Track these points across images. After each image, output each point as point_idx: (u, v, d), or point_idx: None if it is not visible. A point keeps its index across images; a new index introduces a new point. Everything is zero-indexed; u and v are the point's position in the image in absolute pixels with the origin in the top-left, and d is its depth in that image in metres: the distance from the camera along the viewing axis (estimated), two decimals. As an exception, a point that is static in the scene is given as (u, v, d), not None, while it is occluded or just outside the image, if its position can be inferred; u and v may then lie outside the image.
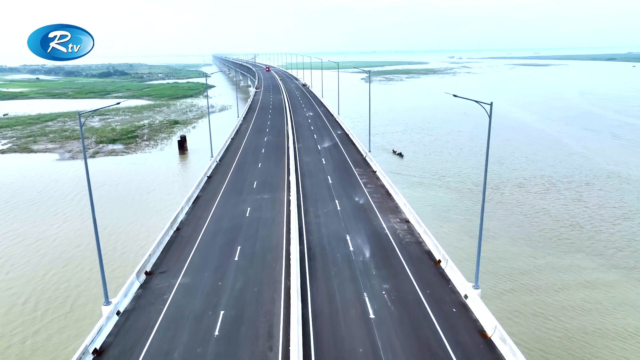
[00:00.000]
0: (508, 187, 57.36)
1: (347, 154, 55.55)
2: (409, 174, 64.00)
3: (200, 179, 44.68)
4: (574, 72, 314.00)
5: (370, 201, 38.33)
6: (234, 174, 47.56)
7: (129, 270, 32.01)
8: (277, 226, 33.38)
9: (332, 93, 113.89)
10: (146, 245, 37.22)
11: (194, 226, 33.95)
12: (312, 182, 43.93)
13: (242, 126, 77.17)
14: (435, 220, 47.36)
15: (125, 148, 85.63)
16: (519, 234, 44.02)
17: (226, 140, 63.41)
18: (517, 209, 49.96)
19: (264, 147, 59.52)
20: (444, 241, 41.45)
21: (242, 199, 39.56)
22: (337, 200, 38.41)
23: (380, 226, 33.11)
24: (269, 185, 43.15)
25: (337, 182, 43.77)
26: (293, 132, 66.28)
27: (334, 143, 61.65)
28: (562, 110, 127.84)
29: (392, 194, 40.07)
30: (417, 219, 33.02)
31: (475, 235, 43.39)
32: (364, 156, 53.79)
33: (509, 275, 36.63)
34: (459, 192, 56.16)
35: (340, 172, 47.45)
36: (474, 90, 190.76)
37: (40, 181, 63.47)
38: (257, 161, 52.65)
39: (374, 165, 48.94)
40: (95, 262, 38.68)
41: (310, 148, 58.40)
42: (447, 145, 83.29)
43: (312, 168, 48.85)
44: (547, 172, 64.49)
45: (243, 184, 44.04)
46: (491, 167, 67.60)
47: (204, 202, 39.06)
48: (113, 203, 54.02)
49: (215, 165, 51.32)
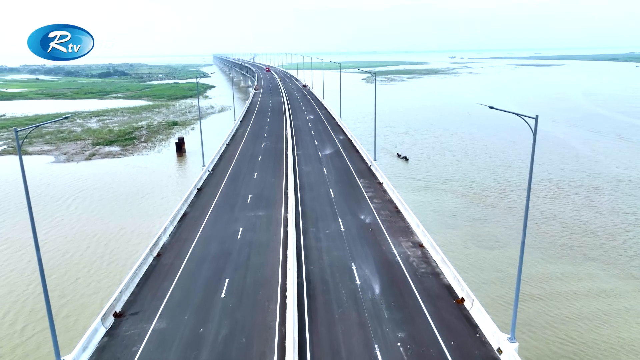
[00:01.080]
0: (516, 192, 55.49)
1: (350, 162, 51.85)
2: (413, 178, 62.16)
3: (189, 192, 40.49)
4: (577, 72, 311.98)
5: (378, 220, 34.31)
6: (227, 186, 43.59)
7: (113, 284, 30.22)
8: (273, 252, 29.27)
9: (333, 94, 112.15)
10: (137, 252, 35.46)
11: (178, 251, 29.83)
12: (313, 196, 40.08)
13: (238, 131, 73.70)
14: (441, 227, 45.59)
15: (122, 150, 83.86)
16: (528, 241, 42.07)
17: (220, 146, 59.95)
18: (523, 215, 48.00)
19: (261, 155, 55.91)
20: (450, 249, 39.86)
21: (235, 216, 35.52)
22: (341, 219, 34.45)
23: (391, 252, 29.06)
24: (265, 200, 39.10)
25: (340, 196, 39.84)
26: (292, 137, 63.18)
27: (336, 150, 58.17)
28: (567, 111, 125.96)
29: (401, 211, 36.03)
30: (432, 244, 29.01)
31: (484, 244, 41.87)
32: (368, 165, 50.06)
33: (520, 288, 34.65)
34: (465, 196, 54.30)
35: (343, 184, 43.60)
36: (477, 91, 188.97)
37: (32, 185, 61.46)
38: (253, 171, 48.80)
39: (380, 176, 45.11)
40: (87, 272, 37.12)
41: (310, 156, 54.92)
42: (451, 147, 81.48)
43: (312, 179, 45.21)
44: (555, 175, 62.62)
45: (236, 198, 40.05)
46: (498, 170, 65.86)
47: (191, 221, 34.90)
48: (106, 208, 52.25)
49: (208, 176, 47.28)
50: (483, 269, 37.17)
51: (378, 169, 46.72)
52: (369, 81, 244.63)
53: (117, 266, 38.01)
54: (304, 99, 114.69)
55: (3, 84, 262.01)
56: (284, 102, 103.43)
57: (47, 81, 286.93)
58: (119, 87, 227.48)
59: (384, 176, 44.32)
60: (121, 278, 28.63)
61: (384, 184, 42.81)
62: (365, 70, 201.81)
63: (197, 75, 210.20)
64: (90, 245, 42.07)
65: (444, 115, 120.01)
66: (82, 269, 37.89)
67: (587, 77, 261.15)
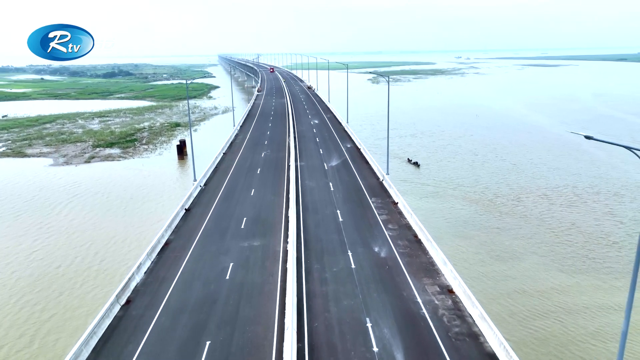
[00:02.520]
0: (531, 199, 52.95)
1: (359, 176, 46.56)
2: (423, 183, 59.73)
3: (174, 214, 34.97)
4: (585, 72, 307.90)
5: (395, 253, 29.09)
6: (219, 206, 38.28)
7: (99, 298, 26.83)
8: (267, 300, 23.94)
9: (339, 95, 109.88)
10: (127, 264, 32.60)
11: (151, 297, 24.44)
12: (317, 219, 34.81)
13: (237, 137, 68.73)
14: (453, 236, 43.19)
15: (123, 152, 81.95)
16: (547, 253, 39.64)
17: (216, 155, 54.69)
18: (543, 224, 45.58)
19: (260, 167, 50.61)
20: (464, 264, 37.47)
21: (225, 247, 30.34)
22: (351, 252, 29.26)
23: (414, 300, 23.73)
24: (261, 224, 33.94)
25: (349, 220, 34.56)
26: (295, 145, 58.67)
27: (343, 160, 52.95)
28: (578, 112, 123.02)
29: (423, 240, 30.56)
30: (465, 290, 23.48)
31: (500, 256, 39.35)
32: (380, 180, 44.72)
33: (543, 311, 32.27)
34: (478, 203, 51.83)
35: (352, 203, 38.28)
36: (485, 91, 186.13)
37: (29, 189, 59.79)
38: (250, 186, 43.62)
39: (394, 193, 39.78)
40: (73, 285, 35.00)
41: (315, 168, 49.75)
42: (460, 150, 78.98)
43: (317, 197, 39.96)
44: (570, 181, 60.01)
45: (229, 221, 34.81)
46: (510, 174, 63.34)
47: (173, 253, 29.77)
48: (100, 214, 50.16)
49: (199, 192, 42.03)
50: (507, 294, 34.71)
51: (392, 185, 41.42)
52: (374, 82, 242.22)
53: (105, 278, 35.86)
54: (309, 102, 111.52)
55: (8, 84, 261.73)
56: (288, 105, 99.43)
57: (51, 81, 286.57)
58: (123, 87, 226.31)
59: (398, 194, 39.07)
60: (107, 295, 26.29)
61: (399, 204, 37.57)
62: (378, 73, 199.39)
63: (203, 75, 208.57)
64: (79, 255, 39.96)
65: (452, 116, 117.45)
66: (68, 280, 35.81)
67: (596, 78, 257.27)
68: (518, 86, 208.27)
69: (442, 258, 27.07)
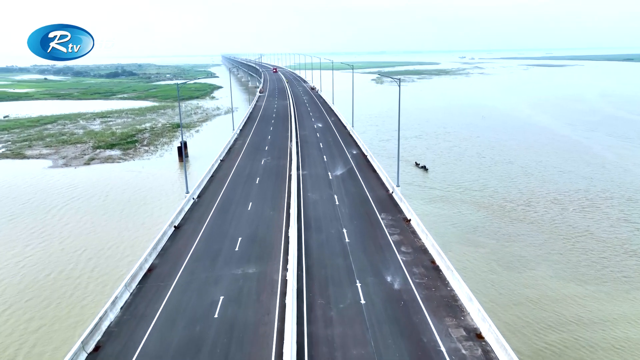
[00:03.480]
0: (542, 204, 51.18)
1: (367, 187, 42.68)
2: (429, 186, 58.04)
3: (161, 233, 31.22)
4: (591, 73, 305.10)
5: (411, 284, 25.15)
6: (212, 223, 34.56)
7: (89, 310, 24.45)
8: (262, 347, 20.43)
9: (343, 96, 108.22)
10: (122, 271, 30.72)
11: (126, 340, 20.90)
12: (321, 240, 31.27)
13: (237, 142, 64.81)
14: (462, 243, 41.53)
15: (123, 154, 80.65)
16: (561, 262, 37.90)
17: (212, 163, 51.06)
18: (555, 231, 43.82)
19: (259, 176, 47.00)
20: (473, 273, 35.81)
21: (216, 274, 26.59)
22: (359, 282, 25.44)
23: (436, 348, 19.98)
24: (258, 246, 30.42)
25: (357, 241, 30.84)
26: (298, 151, 54.92)
27: (349, 169, 49.09)
28: (585, 114, 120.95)
29: (442, 268, 26.67)
30: (497, 337, 19.68)
31: (510, 265, 37.65)
32: (390, 192, 40.68)
33: (558, 323, 30.56)
34: (487, 208, 50.11)
35: (360, 220, 34.57)
36: (490, 92, 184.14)
37: (25, 192, 58.50)
38: (248, 199, 39.72)
39: (406, 208, 35.72)
40: (63, 294, 33.56)
41: (319, 177, 46.19)
42: (466, 152, 77.24)
43: (320, 212, 36.22)
44: (582, 185, 58.17)
45: (222, 241, 31.17)
46: (519, 178, 61.58)
47: (156, 282, 25.87)
48: (97, 218, 48.71)
49: (191, 206, 38.15)
50: (519, 305, 33.02)
51: (403, 199, 37.39)
52: (378, 82, 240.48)
53: (96, 287, 34.39)
54: (312, 104, 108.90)
55: (11, 84, 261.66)
56: (290, 107, 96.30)
57: (55, 81, 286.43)
58: (126, 87, 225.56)
59: (411, 210, 34.80)
60: (98, 305, 24.74)
61: (412, 222, 33.66)
62: (386, 75, 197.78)
63: (207, 75, 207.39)
64: (72, 262, 38.50)
65: (457, 117, 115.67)
66: (58, 289, 34.34)
67: (603, 78, 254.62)
68: (524, 87, 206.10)
69: (467, 293, 23.17)
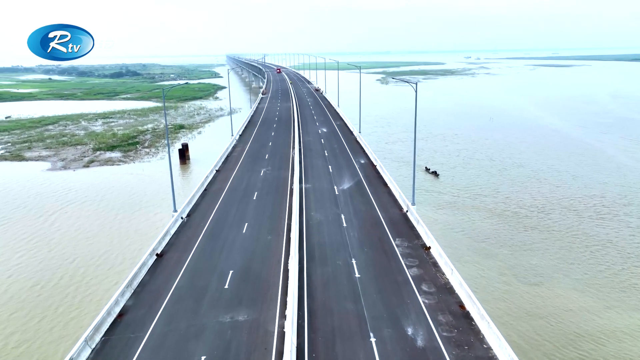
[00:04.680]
0: (556, 210, 48.90)
1: (378, 204, 37.62)
2: (439, 191, 55.85)
3: (140, 263, 26.54)
4: (600, 73, 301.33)
5: (437, 339, 20.35)
6: (200, 250, 29.82)
7: (79, 327, 20.50)
8: None
9: (348, 96, 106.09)
10: (116, 283, 28.50)
11: None
12: (327, 276, 26.15)
13: (235, 149, 59.94)
14: (473, 253, 39.38)
15: (123, 156, 78.94)
16: (581, 275, 35.66)
17: (207, 174, 46.34)
18: (572, 240, 41.57)
19: (258, 190, 42.00)
20: (487, 288, 33.68)
21: (199, 322, 21.92)
22: (374, 337, 20.60)
23: None
24: (252, 283, 25.41)
25: (369, 278, 25.78)
26: (301, 160, 50.72)
27: (357, 182, 44.04)
28: (596, 115, 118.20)
29: (473, 315, 21.79)
30: None
31: (525, 278, 35.43)
32: (404, 211, 35.58)
33: (581, 348, 28.37)
34: (500, 215, 47.89)
35: (371, 248, 29.63)
36: (497, 92, 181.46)
37: (21, 196, 56.81)
38: (243, 219, 34.77)
39: (424, 233, 30.58)
40: (49, 307, 31.76)
41: (323, 192, 41.02)
42: (476, 155, 74.98)
43: (325, 238, 31.40)
44: (597, 190, 55.82)
45: (210, 275, 26.26)
46: (532, 182, 59.31)
47: (126, 333, 21.24)
48: (92, 224, 46.93)
49: (179, 227, 33.26)
50: (536, 325, 30.84)
51: (420, 221, 32.20)
52: (383, 82, 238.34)
53: (84, 301, 32.58)
54: (316, 106, 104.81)
55: (16, 84, 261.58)
56: (293, 110, 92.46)
57: (59, 81, 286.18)
58: (130, 87, 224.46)
59: (430, 235, 29.49)
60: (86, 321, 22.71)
61: (432, 250, 28.55)
62: (408, 81, 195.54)
63: (211, 76, 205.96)
64: (62, 272, 36.68)
65: (465, 119, 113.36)
66: (45, 300, 32.63)
67: (612, 78, 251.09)
68: (531, 87, 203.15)
69: (509, 354, 18.36)
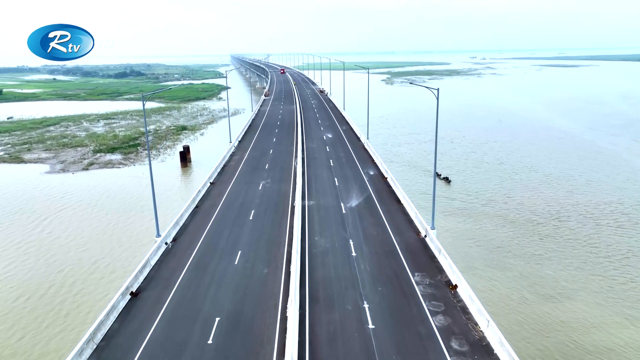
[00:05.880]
0: (573, 218, 46.66)
1: (391, 226, 32.66)
2: (448, 197, 53.72)
3: (109, 307, 21.71)
4: (608, 73, 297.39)
5: None
6: (183, 288, 24.67)
7: (64, 345, 22.52)
8: None
9: (352, 97, 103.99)
10: (107, 295, 26.53)
11: None
12: (333, 326, 21.22)
13: (233, 157, 54.92)
14: (486, 265, 37.28)
15: (124, 159, 77.26)
16: (603, 289, 33.46)
17: (199, 188, 40.73)
18: (593, 251, 39.34)
19: (255, 208, 36.68)
20: (502, 304, 31.57)
21: None
22: None
23: None
24: (241, 337, 20.43)
25: (385, 330, 20.79)
26: (304, 172, 46.55)
27: (366, 197, 39.10)
28: (607, 117, 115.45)
29: None
30: None
31: (545, 292, 33.14)
32: (422, 236, 30.90)
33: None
34: (513, 222, 45.71)
35: (387, 287, 24.41)
36: (504, 93, 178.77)
37: (16, 200, 55.12)
38: (236, 245, 29.75)
39: (449, 266, 25.59)
40: (39, 325, 29.90)
41: (329, 210, 35.96)
42: (485, 158, 72.74)
43: (331, 271, 26.21)
44: (614, 196, 53.48)
45: (192, 324, 21.39)
46: (545, 188, 57.05)
47: None
48: (85, 231, 45.20)
49: (161, 256, 28.32)
50: (557, 346, 28.69)
51: (442, 250, 27.16)
52: (388, 82, 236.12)
53: (76, 317, 30.70)
54: (321, 109, 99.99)
55: (20, 84, 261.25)
56: (297, 113, 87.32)
57: (63, 81, 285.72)
58: (133, 87, 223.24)
59: (456, 270, 24.52)
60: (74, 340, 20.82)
61: (459, 289, 23.55)
62: (428, 87, 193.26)
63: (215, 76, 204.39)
64: (54, 284, 34.91)
65: (472, 120, 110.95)
66: (35, 319, 30.75)
67: (621, 79, 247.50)
68: (539, 87, 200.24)
69: None
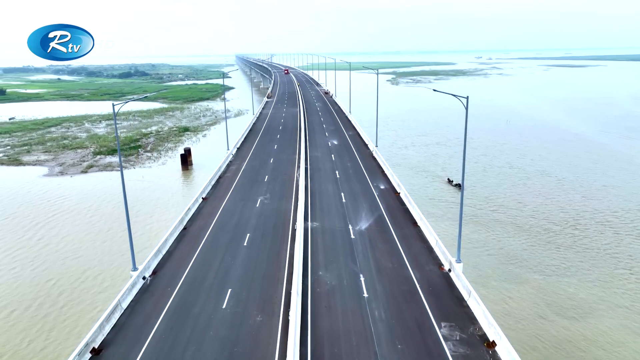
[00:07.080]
0: (591, 226, 44.40)
1: (408, 257, 27.91)
2: (457, 202, 51.53)
3: None
4: (616, 73, 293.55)
5: None
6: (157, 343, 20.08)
7: None
8: None
9: (357, 98, 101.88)
10: (97, 307, 24.62)
11: None
12: None
13: (230, 168, 49.81)
14: (501, 278, 35.15)
15: (124, 161, 75.60)
16: (630, 305, 31.27)
17: (189, 206, 35.69)
18: (615, 263, 37.12)
19: (251, 231, 31.80)
20: (518, 321, 29.44)
21: None
22: None
23: None
24: None
25: None
26: (307, 185, 41.54)
27: (377, 218, 34.04)
28: (619, 119, 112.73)
29: None
30: None
31: (564, 309, 30.82)
32: (446, 269, 26.21)
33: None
34: (528, 231, 43.51)
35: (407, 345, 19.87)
36: (512, 94, 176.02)
37: (11, 204, 53.45)
38: (226, 281, 25.16)
39: (482, 313, 21.33)
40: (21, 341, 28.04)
41: (335, 234, 31.28)
42: (495, 162, 70.47)
43: (340, 324, 21.43)
44: (632, 203, 51.15)
45: None
46: (559, 193, 54.78)
47: None
48: (76, 239, 43.43)
49: (136, 295, 23.68)
50: None
51: (472, 291, 22.70)
52: (393, 82, 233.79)
53: (61, 333, 28.91)
54: (326, 112, 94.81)
55: (24, 84, 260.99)
56: (300, 117, 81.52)
57: (68, 82, 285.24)
58: (137, 88, 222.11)
59: (492, 320, 20.36)
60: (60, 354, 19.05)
61: (499, 349, 19.26)
62: (457, 95, 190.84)
63: (219, 76, 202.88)
64: (40, 296, 33.16)
65: (480, 121, 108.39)
66: (18, 334, 29.04)
67: (630, 79, 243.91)
68: (547, 88, 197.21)
69: None
